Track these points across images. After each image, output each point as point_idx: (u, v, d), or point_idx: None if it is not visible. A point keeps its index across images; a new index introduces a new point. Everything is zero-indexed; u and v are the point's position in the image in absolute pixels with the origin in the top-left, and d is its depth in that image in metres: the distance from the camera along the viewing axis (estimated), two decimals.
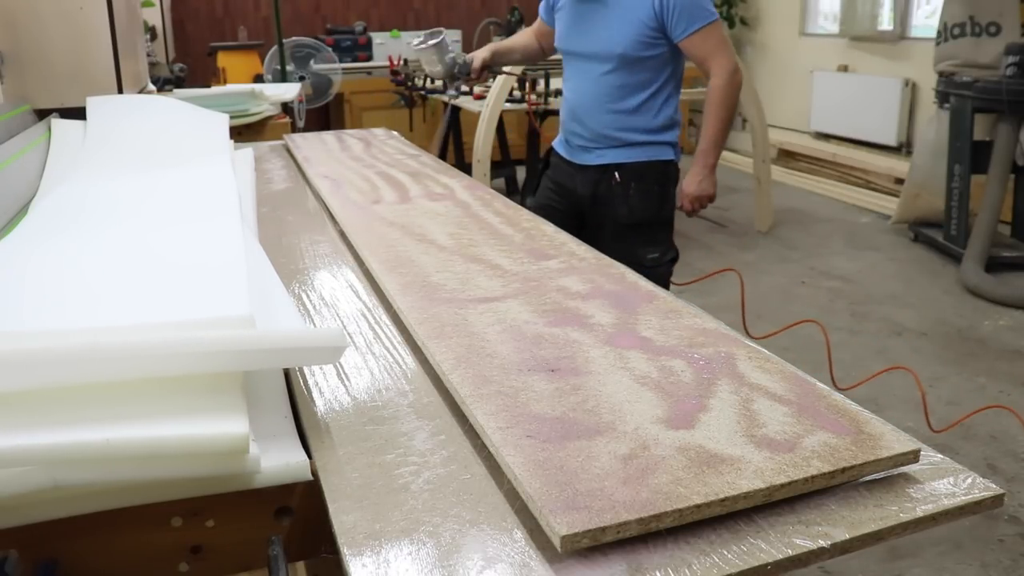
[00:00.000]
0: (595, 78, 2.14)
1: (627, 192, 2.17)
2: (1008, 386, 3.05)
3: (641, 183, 2.18)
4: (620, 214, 2.18)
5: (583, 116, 2.20)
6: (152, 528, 0.73)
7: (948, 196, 4.41)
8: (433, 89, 5.54)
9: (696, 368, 0.91)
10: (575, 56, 2.21)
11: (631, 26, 2.05)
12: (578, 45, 2.18)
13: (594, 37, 2.12)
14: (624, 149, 2.18)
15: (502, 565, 0.64)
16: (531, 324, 1.03)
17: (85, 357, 0.71)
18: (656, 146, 2.19)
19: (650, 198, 2.19)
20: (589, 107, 2.18)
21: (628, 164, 2.18)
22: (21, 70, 2.17)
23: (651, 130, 2.18)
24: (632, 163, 2.18)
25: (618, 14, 2.07)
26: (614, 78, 2.12)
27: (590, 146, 2.22)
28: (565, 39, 2.22)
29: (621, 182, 2.18)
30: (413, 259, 1.30)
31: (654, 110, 2.16)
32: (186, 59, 6.42)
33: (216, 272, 1.02)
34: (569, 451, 0.74)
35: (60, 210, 1.41)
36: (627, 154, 2.18)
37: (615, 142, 2.18)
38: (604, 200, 2.21)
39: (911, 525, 0.70)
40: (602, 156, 2.20)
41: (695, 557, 0.64)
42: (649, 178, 2.19)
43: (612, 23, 2.08)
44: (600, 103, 2.16)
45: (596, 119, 2.17)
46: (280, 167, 2.23)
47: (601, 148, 2.20)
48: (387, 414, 0.86)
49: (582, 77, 2.19)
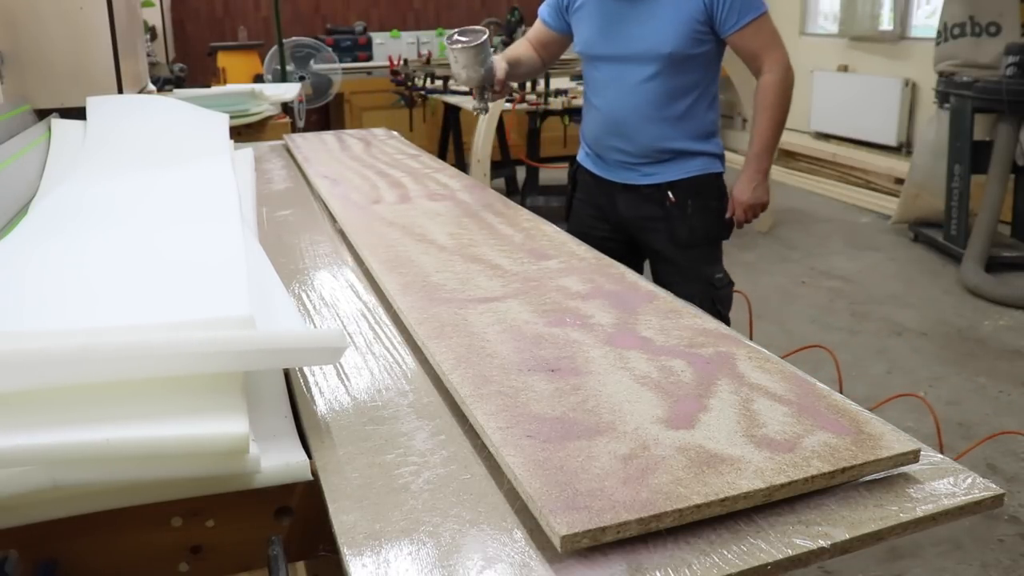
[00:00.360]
0: (636, 84, 1.91)
1: (684, 212, 1.96)
2: (1008, 386, 3.05)
3: (698, 200, 1.97)
4: (679, 236, 1.96)
5: (625, 129, 1.94)
6: (152, 528, 0.73)
7: (948, 196, 4.41)
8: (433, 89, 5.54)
9: (696, 368, 0.91)
10: (608, 61, 1.95)
11: (679, 22, 1.85)
12: (612, 48, 1.93)
13: (633, 38, 1.89)
14: (675, 163, 1.96)
15: (502, 565, 0.64)
16: (531, 324, 1.03)
17: (85, 357, 0.71)
18: (707, 157, 1.98)
19: (710, 215, 1.99)
20: (632, 118, 1.93)
21: (682, 181, 1.95)
22: (21, 70, 2.17)
23: (700, 138, 1.97)
24: (686, 179, 1.96)
25: (662, 11, 1.85)
26: (660, 82, 1.89)
27: (635, 163, 1.97)
28: (593, 42, 1.96)
29: (677, 202, 1.95)
30: (413, 259, 1.30)
31: (700, 115, 1.96)
32: (186, 59, 6.42)
33: (216, 272, 1.02)
34: (569, 451, 0.74)
35: (60, 210, 1.41)
36: (679, 168, 1.95)
37: (665, 155, 1.95)
38: (657, 223, 1.98)
39: (911, 525, 0.70)
40: (651, 174, 1.97)
41: (695, 557, 0.64)
42: (706, 193, 1.99)
43: (656, 20, 1.86)
44: (645, 112, 1.92)
45: (641, 131, 1.93)
46: (280, 167, 2.23)
47: (649, 164, 1.96)
48: (387, 414, 0.86)
49: (618, 84, 1.93)
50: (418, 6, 7.55)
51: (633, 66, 1.91)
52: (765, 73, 1.93)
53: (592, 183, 2.07)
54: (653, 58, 1.88)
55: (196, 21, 7.02)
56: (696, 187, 1.96)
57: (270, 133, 2.90)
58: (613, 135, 1.98)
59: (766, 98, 1.94)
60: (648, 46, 1.88)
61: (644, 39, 1.88)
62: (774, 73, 1.92)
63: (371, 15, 7.40)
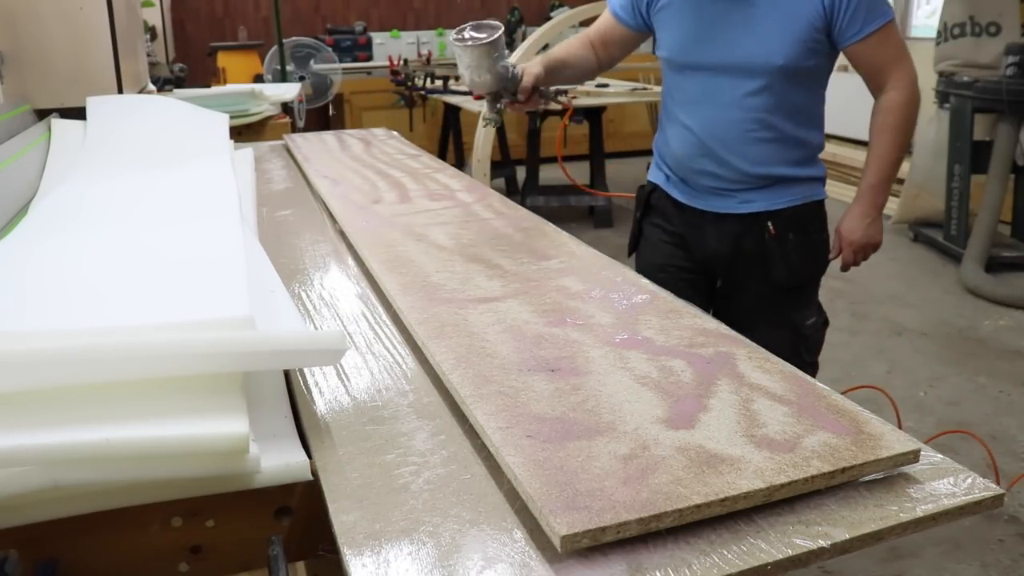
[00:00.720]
0: (737, 99, 1.64)
1: (785, 247, 1.70)
2: (1008, 386, 3.05)
3: (801, 233, 1.71)
4: (777, 276, 1.71)
5: (721, 150, 1.68)
6: (152, 528, 0.73)
7: (948, 196, 4.41)
8: (433, 89, 5.54)
9: (696, 368, 0.91)
10: (702, 71, 1.68)
11: (793, 30, 1.58)
12: (709, 56, 1.65)
13: (737, 45, 1.62)
14: (776, 190, 1.70)
15: (502, 565, 0.64)
16: (531, 324, 1.03)
17: (85, 358, 0.71)
18: (811, 183, 1.73)
19: (812, 251, 1.74)
20: (730, 138, 1.67)
21: (784, 210, 1.70)
22: (21, 70, 2.17)
23: (804, 161, 1.71)
24: (788, 208, 1.70)
25: (773, 15, 1.59)
26: (766, 98, 1.63)
27: (730, 188, 1.71)
28: (684, 48, 1.69)
29: (776, 235, 1.70)
30: (413, 259, 1.30)
31: (806, 136, 1.71)
32: (186, 59, 6.42)
33: (216, 272, 1.02)
34: (569, 451, 0.74)
35: (60, 210, 1.41)
36: (780, 196, 1.70)
37: (765, 180, 1.69)
38: (752, 259, 1.73)
39: (911, 525, 0.70)
40: (749, 202, 1.71)
41: (695, 557, 0.64)
42: (808, 225, 1.73)
43: (765, 27, 1.59)
44: (746, 132, 1.66)
45: (741, 153, 1.67)
46: (280, 167, 2.23)
47: (746, 190, 1.70)
48: (387, 414, 0.86)
49: (715, 99, 1.67)
50: (418, 6, 7.55)
51: (735, 78, 1.64)
52: (889, 91, 1.66)
53: (673, 210, 1.81)
54: (761, 70, 1.62)
55: (196, 21, 7.02)
56: (799, 217, 1.72)
57: (270, 133, 2.90)
58: (705, 157, 1.70)
59: (889, 120, 1.67)
60: (755, 56, 1.61)
61: (750, 48, 1.61)
62: (900, 91, 1.65)
63: (371, 15, 7.40)
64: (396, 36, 7.23)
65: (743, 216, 1.71)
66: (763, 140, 1.66)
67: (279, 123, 3.03)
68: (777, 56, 1.60)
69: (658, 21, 1.73)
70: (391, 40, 7.19)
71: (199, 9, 7.03)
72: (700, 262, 1.79)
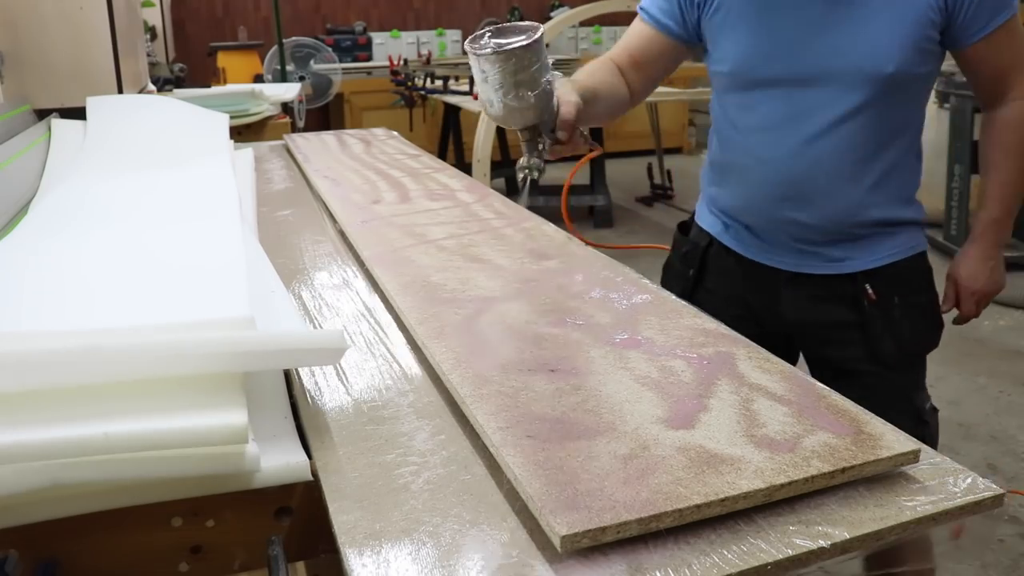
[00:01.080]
0: (830, 122, 1.28)
1: (890, 314, 1.34)
2: (1008, 386, 3.05)
3: (908, 295, 1.36)
4: (884, 352, 1.35)
5: (809, 191, 1.31)
6: (152, 528, 0.73)
7: (948, 196, 4.41)
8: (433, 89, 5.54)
9: (696, 368, 0.91)
10: (779, 87, 1.31)
11: (904, 28, 1.24)
12: (790, 67, 1.29)
13: (829, 51, 1.26)
14: (874, 241, 1.33)
15: (502, 565, 0.64)
16: (531, 324, 1.03)
17: (85, 358, 0.71)
18: (913, 229, 1.37)
19: (921, 315, 1.39)
20: (820, 174, 1.30)
21: (884, 268, 1.34)
22: (21, 70, 2.17)
23: (905, 200, 1.36)
24: (890, 265, 1.34)
25: (877, 10, 1.24)
26: (867, 119, 1.27)
27: (817, 241, 1.34)
28: (757, 59, 1.32)
29: (878, 300, 1.33)
30: (413, 259, 1.30)
31: (909, 168, 1.35)
32: (186, 59, 6.43)
33: (216, 273, 1.02)
34: (569, 451, 0.74)
35: (60, 210, 1.41)
36: (880, 250, 1.33)
37: (861, 229, 1.32)
38: (848, 331, 1.36)
39: (911, 525, 0.70)
40: (840, 259, 1.34)
41: (695, 557, 0.64)
42: (915, 283, 1.38)
43: (867, 25, 1.24)
44: (841, 165, 1.29)
45: (833, 195, 1.30)
46: (280, 167, 2.23)
47: (836, 243, 1.33)
48: (387, 414, 0.86)
49: (797, 123, 1.30)
50: (418, 6, 7.55)
51: (825, 94, 1.28)
52: (1013, 101, 1.32)
53: (736, 269, 1.43)
54: (863, 81, 1.25)
55: (196, 21, 7.02)
56: (903, 275, 1.35)
57: (270, 133, 2.90)
58: (785, 201, 1.33)
59: (1015, 138, 1.33)
60: (856, 63, 1.25)
61: (848, 53, 1.25)
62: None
63: (371, 15, 7.40)
64: (396, 36, 7.24)
65: (831, 278, 1.34)
66: (863, 175, 1.30)
67: (279, 123, 3.03)
68: (887, 62, 1.23)
69: (712, 28, 1.36)
70: (391, 40, 7.19)
71: (199, 9, 7.03)
72: (773, 335, 1.34)
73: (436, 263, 1.28)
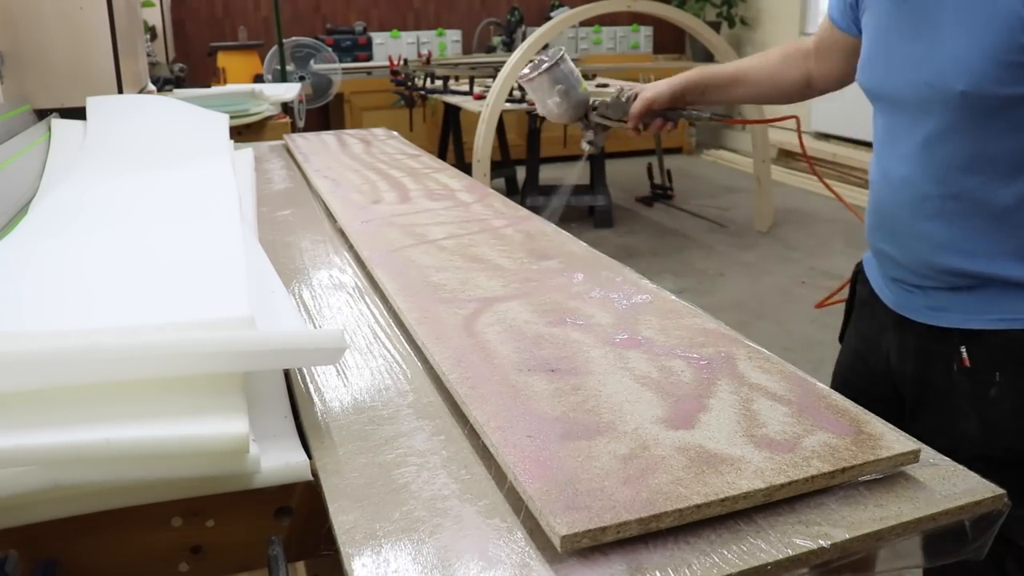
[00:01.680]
0: (910, 148, 1.12)
1: (984, 391, 1.11)
2: None
3: (1013, 373, 1.10)
4: (966, 432, 1.12)
5: (891, 222, 1.19)
6: (152, 528, 0.73)
7: None
8: (433, 89, 5.55)
9: (696, 368, 0.91)
10: (879, 100, 1.19)
11: (982, 40, 1.01)
12: (881, 79, 1.17)
13: (906, 61, 1.11)
14: (978, 296, 1.12)
15: (502, 565, 0.64)
16: (531, 324, 1.03)
17: (85, 358, 0.71)
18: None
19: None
20: (903, 204, 1.15)
21: (989, 333, 1.11)
22: (21, 70, 2.17)
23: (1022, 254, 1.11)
24: (999, 333, 1.11)
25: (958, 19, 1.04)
26: (950, 145, 1.08)
27: (915, 283, 1.18)
28: (867, 68, 1.20)
29: (973, 368, 1.12)
30: (413, 259, 1.30)
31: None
32: (186, 59, 6.43)
33: (216, 272, 1.02)
34: (569, 451, 0.74)
35: (60, 210, 1.41)
36: (985, 309, 1.11)
37: (960, 280, 1.13)
38: (937, 397, 1.17)
39: (911, 525, 0.70)
40: (937, 309, 1.16)
41: (695, 557, 0.64)
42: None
43: (948, 37, 1.05)
44: (924, 198, 1.12)
45: (917, 230, 1.14)
46: (280, 167, 2.23)
47: (935, 289, 1.15)
48: (387, 414, 0.86)
49: (888, 144, 1.18)
50: (418, 6, 7.55)
51: (906, 115, 1.12)
52: None
53: (868, 301, 1.30)
54: (933, 101, 1.07)
55: (196, 21, 7.02)
56: (1013, 349, 1.10)
57: (270, 133, 2.90)
58: (881, 231, 1.22)
59: None
60: (926, 79, 1.07)
61: (921, 65, 1.08)
62: None
63: (371, 15, 7.40)
64: (396, 36, 7.24)
65: (933, 330, 1.16)
66: (948, 212, 1.10)
67: (279, 123, 3.03)
68: (955, 79, 1.04)
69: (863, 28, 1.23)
70: (391, 40, 7.19)
71: (199, 9, 7.03)
72: (880, 379, 1.25)
73: (436, 263, 1.28)
